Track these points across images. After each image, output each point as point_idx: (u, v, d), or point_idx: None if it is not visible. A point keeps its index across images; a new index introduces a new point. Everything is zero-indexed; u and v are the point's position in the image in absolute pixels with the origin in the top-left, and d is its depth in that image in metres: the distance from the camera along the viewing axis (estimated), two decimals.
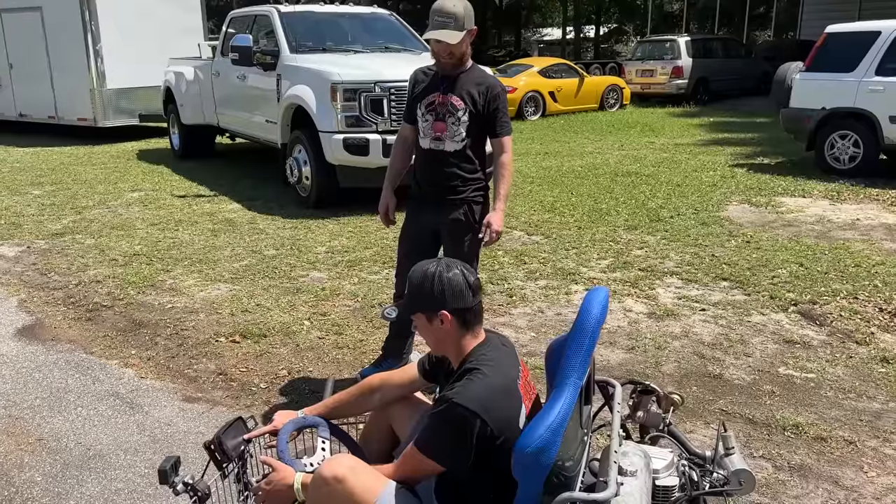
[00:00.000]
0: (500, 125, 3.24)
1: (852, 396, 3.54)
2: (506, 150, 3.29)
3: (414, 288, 2.02)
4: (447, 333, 2.00)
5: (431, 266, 2.02)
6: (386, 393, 2.29)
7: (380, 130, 7.00)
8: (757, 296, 4.90)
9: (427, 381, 2.27)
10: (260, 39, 8.58)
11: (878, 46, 8.32)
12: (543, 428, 1.71)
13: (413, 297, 2.03)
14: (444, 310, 1.97)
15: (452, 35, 3.06)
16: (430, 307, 1.99)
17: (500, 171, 3.28)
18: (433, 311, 1.98)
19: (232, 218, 7.22)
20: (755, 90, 19.44)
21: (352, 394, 2.33)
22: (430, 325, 2.01)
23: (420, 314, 2.02)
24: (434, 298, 1.98)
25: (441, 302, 1.97)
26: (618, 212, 7.14)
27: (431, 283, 1.98)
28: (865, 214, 7.06)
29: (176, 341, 4.29)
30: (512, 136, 3.36)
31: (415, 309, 2.03)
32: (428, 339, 2.08)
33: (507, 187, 3.31)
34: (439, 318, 1.98)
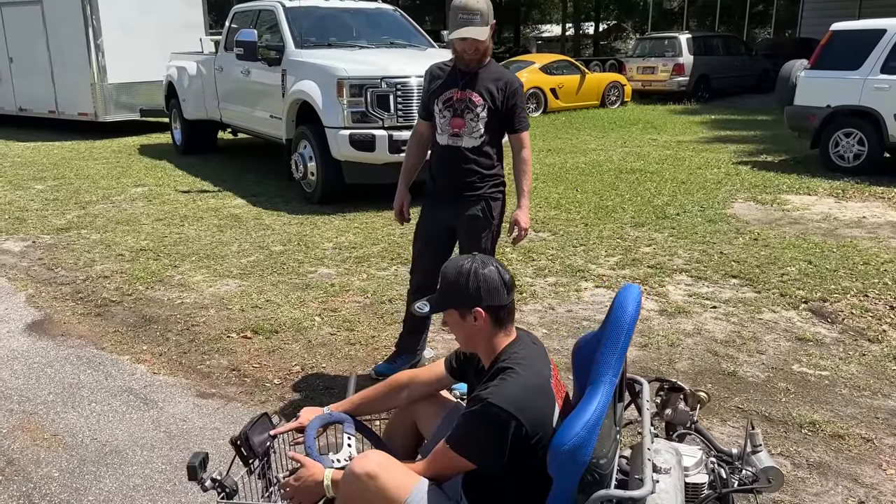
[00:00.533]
0: (519, 120, 3.24)
1: (867, 394, 3.54)
2: (525, 145, 3.29)
3: (448, 283, 2.00)
4: (480, 331, 1.98)
5: (467, 262, 2.00)
6: (413, 390, 2.28)
7: (386, 126, 6.98)
8: (767, 293, 4.89)
9: (454, 379, 2.26)
10: (264, 35, 8.54)
11: (884, 44, 8.32)
12: (580, 426, 1.70)
13: (447, 292, 2.00)
14: (478, 307, 1.96)
15: (480, 31, 3.04)
16: (464, 303, 1.97)
17: (521, 166, 3.27)
18: (467, 308, 1.97)
19: (237, 213, 7.20)
20: (755, 88, 19.48)
21: (378, 391, 2.32)
22: (463, 322, 1.99)
23: (453, 310, 2.00)
24: (469, 295, 1.96)
25: (476, 299, 1.96)
26: (624, 209, 7.13)
27: (467, 279, 1.96)
28: (871, 212, 7.06)
29: (187, 337, 4.28)
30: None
31: (448, 304, 2.01)
32: (459, 336, 2.06)
33: (530, 183, 3.31)
34: (473, 314, 1.97)
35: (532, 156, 3.36)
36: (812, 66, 9.04)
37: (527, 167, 3.29)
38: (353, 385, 2.49)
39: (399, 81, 6.96)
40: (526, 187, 3.30)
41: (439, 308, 2.03)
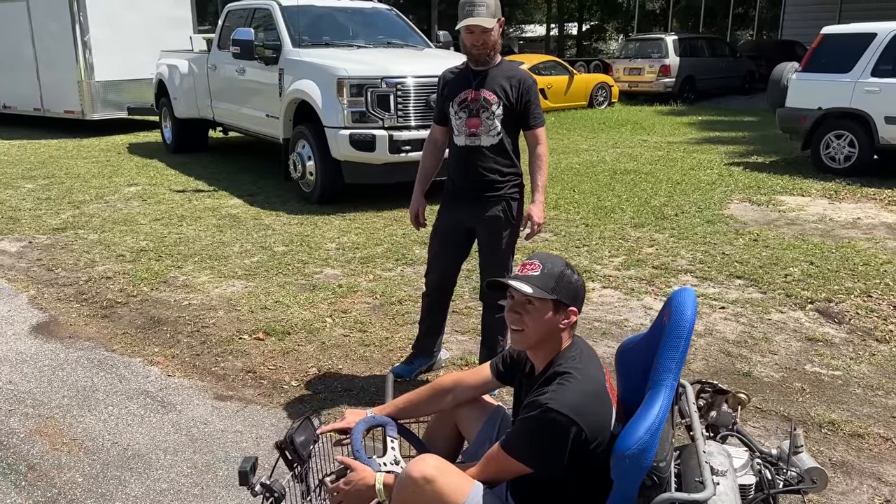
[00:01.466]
0: (534, 117, 3.24)
1: (881, 394, 3.59)
2: (540, 141, 3.29)
3: (556, 274, 1.94)
4: (560, 331, 1.96)
5: (564, 263, 1.98)
6: (458, 394, 2.27)
7: (386, 126, 6.96)
8: (773, 294, 4.95)
9: (500, 383, 2.25)
10: (258, 33, 8.48)
11: (874, 48, 8.43)
12: (643, 430, 1.71)
13: (558, 280, 1.94)
14: (575, 307, 1.96)
15: (487, 21, 3.05)
16: (568, 298, 1.95)
17: (537, 162, 3.27)
18: (566, 305, 1.95)
19: (235, 213, 7.14)
20: (740, 89, 19.67)
21: (422, 394, 2.30)
22: (553, 316, 1.94)
23: (551, 301, 1.93)
24: (574, 291, 1.96)
25: (575, 299, 1.97)
26: (623, 209, 7.17)
27: (573, 277, 1.96)
28: (865, 213, 7.16)
29: (198, 339, 4.23)
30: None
31: (557, 293, 1.93)
32: (533, 329, 1.96)
33: (545, 178, 3.31)
34: (568, 313, 1.96)
35: (527, 156, 3.36)
36: (803, 69, 9.14)
37: (542, 163, 3.29)
38: (390, 385, 2.47)
39: (399, 81, 6.95)
40: (541, 183, 3.30)
41: (546, 292, 1.92)
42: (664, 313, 1.98)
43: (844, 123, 8.74)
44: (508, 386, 2.24)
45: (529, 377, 2.06)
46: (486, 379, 2.25)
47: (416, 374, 3.69)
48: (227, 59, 8.77)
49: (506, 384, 2.24)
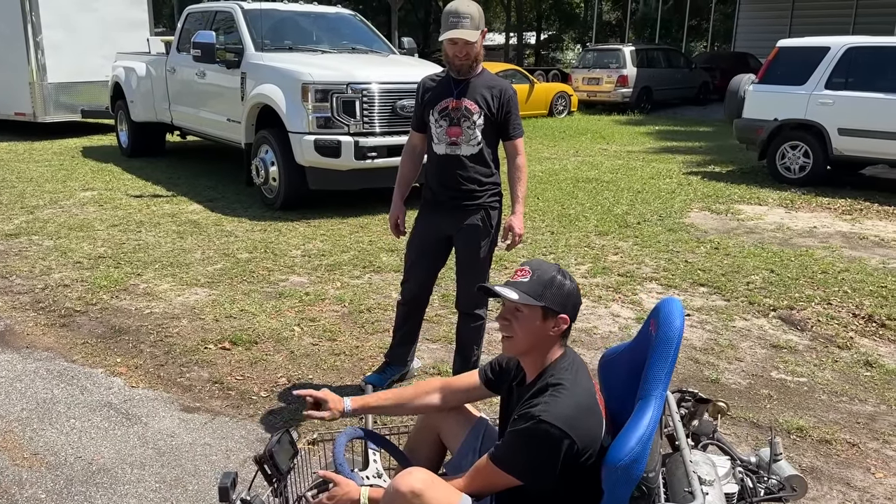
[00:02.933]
0: (513, 127, 3.25)
1: (845, 400, 3.67)
2: (519, 152, 3.30)
3: (546, 280, 1.92)
4: (549, 339, 1.94)
5: (555, 268, 1.95)
6: (446, 397, 2.25)
7: (352, 132, 6.91)
8: (736, 301, 5.03)
9: (488, 391, 2.23)
10: (219, 36, 8.35)
11: (828, 61, 8.68)
12: (634, 440, 1.71)
13: (547, 286, 1.91)
14: (565, 314, 1.94)
15: (470, 33, 3.04)
16: (557, 305, 1.92)
17: (516, 173, 3.28)
18: (556, 312, 1.93)
19: (196, 219, 7.00)
20: (695, 100, 20.08)
21: (408, 392, 2.28)
22: (542, 324, 1.92)
23: (539, 308, 1.91)
24: (564, 298, 1.93)
25: (565, 306, 1.93)
26: (587, 217, 7.23)
27: (563, 282, 1.93)
28: (821, 222, 7.34)
29: (162, 348, 4.12)
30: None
31: (545, 300, 1.91)
32: (522, 336, 1.94)
33: (524, 189, 3.32)
34: (558, 320, 1.93)
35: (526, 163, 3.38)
36: (760, 81, 9.36)
37: (522, 174, 3.30)
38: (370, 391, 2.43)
39: (364, 87, 6.90)
40: (521, 193, 3.32)
41: (534, 299, 1.90)
42: (650, 323, 1.98)
43: (799, 134, 8.97)
44: (496, 394, 2.22)
45: (520, 386, 2.04)
46: (474, 385, 2.23)
47: (389, 384, 3.64)
48: (187, 62, 8.61)
49: (493, 392, 2.22)
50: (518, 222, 3.26)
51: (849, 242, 6.59)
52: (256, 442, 3.18)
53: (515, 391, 2.06)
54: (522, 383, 2.03)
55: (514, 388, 2.09)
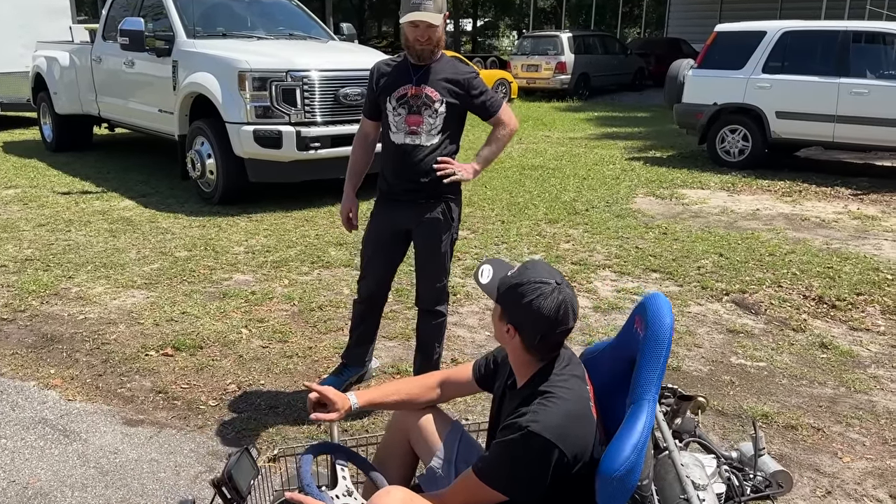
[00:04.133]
0: (491, 104, 3.10)
1: (805, 383, 3.67)
2: (504, 121, 3.14)
3: (514, 283, 1.78)
4: (515, 347, 1.82)
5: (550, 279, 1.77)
6: (446, 390, 2.13)
7: (293, 122, 6.66)
8: (689, 286, 5.02)
9: (479, 388, 2.10)
10: (148, 23, 7.94)
11: (765, 46, 8.82)
12: (629, 449, 1.60)
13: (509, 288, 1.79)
14: (515, 329, 1.80)
15: (434, 16, 2.88)
16: (513, 316, 1.80)
17: (498, 133, 3.13)
18: (507, 318, 1.81)
19: (129, 216, 6.65)
20: (631, 85, 20.33)
21: (412, 384, 2.16)
22: (500, 323, 1.83)
23: (500, 307, 1.82)
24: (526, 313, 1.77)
25: (521, 322, 1.79)
26: (535, 205, 7.17)
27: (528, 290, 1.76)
28: (763, 205, 7.45)
29: (99, 357, 3.86)
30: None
31: (503, 299, 1.80)
32: (495, 331, 1.87)
33: (495, 152, 3.16)
34: (507, 327, 1.81)
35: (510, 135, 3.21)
36: (699, 66, 9.45)
37: (504, 135, 3.14)
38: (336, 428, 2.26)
39: (305, 75, 6.66)
40: (487, 153, 3.14)
41: (491, 292, 1.81)
42: (636, 322, 1.88)
43: (738, 118, 9.10)
44: (489, 392, 2.09)
45: (512, 388, 1.91)
46: (468, 380, 2.10)
47: (346, 386, 3.48)
48: (114, 51, 8.17)
49: (485, 390, 2.10)
50: (469, 168, 3.05)
51: (792, 224, 6.70)
52: (208, 455, 2.98)
53: (508, 393, 1.93)
54: (514, 386, 1.90)
55: (506, 389, 1.95)
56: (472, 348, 4.02)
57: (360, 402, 2.09)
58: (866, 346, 4.08)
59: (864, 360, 3.91)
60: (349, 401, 2.08)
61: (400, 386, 2.17)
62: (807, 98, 8.50)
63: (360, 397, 2.10)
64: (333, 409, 2.06)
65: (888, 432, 3.21)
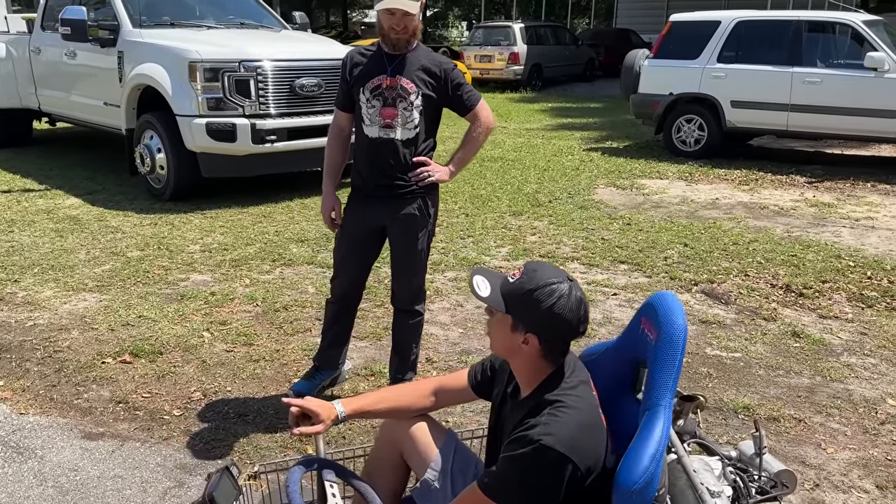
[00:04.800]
0: (468, 97, 3.00)
1: (782, 373, 3.66)
2: (480, 117, 3.05)
3: (525, 291, 1.66)
4: (524, 352, 1.71)
5: (558, 280, 1.66)
6: (440, 397, 2.02)
7: (247, 114, 6.43)
8: (657, 277, 5.00)
9: (475, 396, 1.99)
10: (90, 12, 7.58)
11: (719, 35, 8.88)
12: (647, 459, 1.51)
13: (520, 297, 1.67)
14: (535, 334, 1.68)
15: (410, 4, 2.75)
16: (527, 322, 1.68)
17: (474, 132, 3.05)
18: (524, 328, 1.69)
19: (75, 215, 6.34)
20: (582, 76, 20.42)
21: (408, 390, 2.04)
22: (511, 335, 1.70)
23: (510, 318, 1.69)
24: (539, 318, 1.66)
25: (538, 326, 1.68)
26: (498, 197, 7.08)
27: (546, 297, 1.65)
28: (721, 194, 7.51)
29: (52, 366, 3.63)
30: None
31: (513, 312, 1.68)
32: (496, 342, 1.76)
33: (471, 153, 3.11)
34: (525, 338, 1.68)
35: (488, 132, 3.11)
36: (654, 56, 9.48)
37: (479, 135, 3.05)
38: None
39: (258, 65, 6.43)
40: (462, 155, 3.07)
41: (500, 306, 1.67)
42: (642, 323, 1.79)
43: (694, 108, 9.16)
44: (486, 399, 1.98)
45: (514, 397, 1.80)
46: (464, 387, 1.99)
47: (319, 390, 3.33)
48: (54, 41, 7.80)
49: (482, 397, 1.99)
50: (444, 170, 2.99)
51: (751, 212, 6.75)
52: (176, 469, 2.80)
53: (509, 402, 1.82)
54: (516, 395, 1.79)
55: (507, 397, 1.84)
56: (447, 346, 3.91)
57: (347, 410, 1.95)
58: (837, 334, 4.10)
59: (836, 349, 3.93)
60: (335, 410, 1.94)
61: (390, 393, 2.04)
62: (761, 87, 8.59)
63: (348, 405, 1.96)
64: (318, 420, 1.92)
65: (867, 421, 3.21)
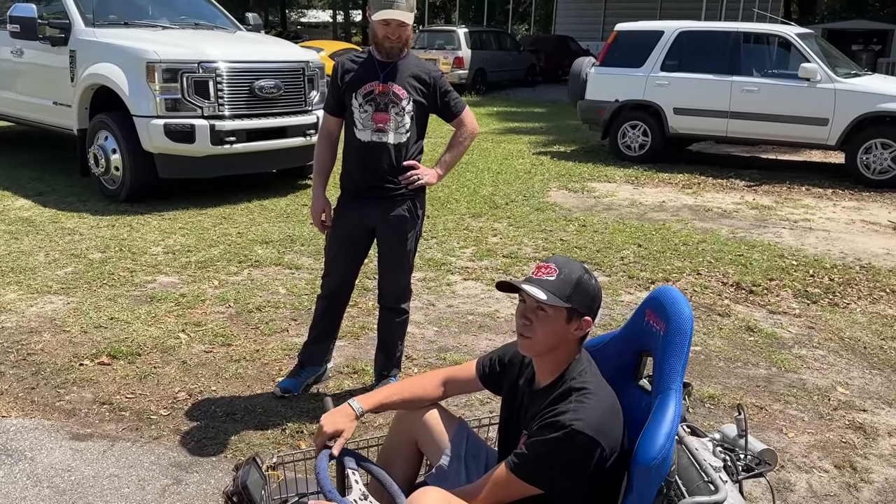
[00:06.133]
0: (455, 105, 3.13)
1: (740, 365, 3.91)
2: (467, 124, 3.18)
3: (575, 281, 1.80)
4: (571, 341, 1.85)
5: (582, 268, 1.85)
6: (448, 388, 2.13)
7: (206, 115, 6.40)
8: (616, 276, 5.22)
9: (482, 386, 2.10)
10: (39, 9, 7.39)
11: (662, 44, 9.24)
12: (664, 438, 1.66)
13: (576, 288, 1.80)
14: (590, 317, 1.84)
15: (406, 15, 2.87)
16: (584, 307, 1.82)
17: (459, 137, 3.17)
18: (581, 314, 1.83)
19: (27, 216, 6.20)
20: (524, 81, 20.79)
21: (418, 382, 2.12)
22: (565, 326, 1.82)
23: (566, 310, 1.80)
24: (591, 300, 1.84)
25: (591, 308, 1.85)
26: (456, 200, 7.22)
27: (591, 283, 1.84)
28: (667, 197, 7.83)
29: (27, 369, 3.58)
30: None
31: (573, 302, 1.80)
32: (543, 336, 1.83)
33: (457, 156, 3.22)
34: (582, 323, 1.83)
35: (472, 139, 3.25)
36: (601, 63, 9.79)
37: (465, 140, 3.18)
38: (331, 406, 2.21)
39: (217, 66, 6.41)
40: (449, 158, 3.20)
41: (562, 300, 1.79)
42: (647, 316, 1.94)
43: (638, 114, 9.50)
44: (494, 392, 2.10)
45: (530, 386, 1.93)
46: (472, 378, 2.11)
47: (305, 387, 3.40)
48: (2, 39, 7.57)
49: (490, 389, 2.11)
50: (432, 173, 3.13)
51: (697, 215, 7.07)
52: (171, 467, 2.84)
53: (525, 392, 1.94)
54: (532, 384, 1.92)
55: (520, 388, 1.97)
56: (424, 344, 4.01)
57: (364, 406, 2.03)
58: (787, 328, 4.38)
59: (787, 342, 4.20)
60: (352, 410, 2.01)
61: (403, 386, 2.14)
62: (702, 95, 8.99)
63: (365, 402, 2.05)
64: (340, 432, 1.96)
65: (822, 407, 3.47)
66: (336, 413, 1.99)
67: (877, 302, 4.82)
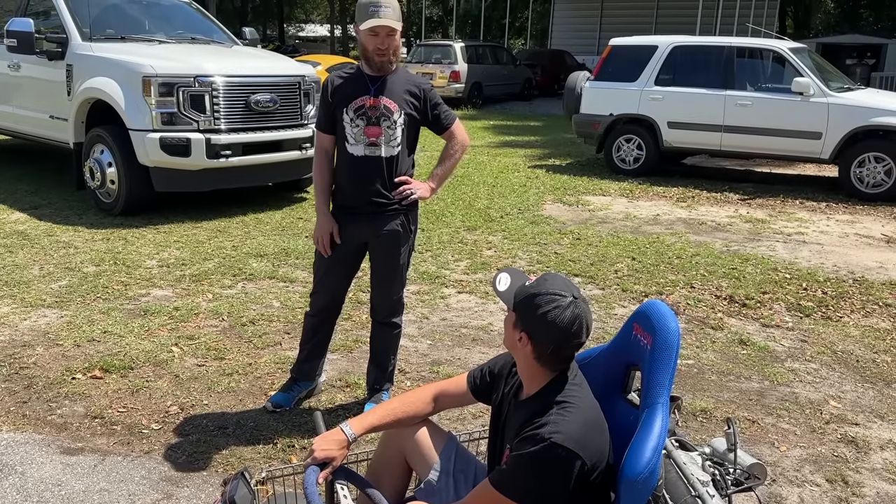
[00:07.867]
0: (446, 117, 3.15)
1: (732, 378, 3.91)
2: (456, 136, 3.22)
3: (531, 293, 1.80)
4: (523, 353, 1.85)
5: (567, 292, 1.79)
6: (440, 402, 2.13)
7: (202, 129, 6.42)
8: (610, 289, 5.23)
9: (474, 399, 2.11)
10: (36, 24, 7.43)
11: (657, 59, 9.30)
12: (650, 452, 1.67)
13: (529, 297, 1.80)
14: (527, 334, 1.82)
15: (395, 22, 2.89)
16: (526, 322, 1.82)
17: (450, 150, 3.21)
18: (521, 326, 1.83)
19: (23, 230, 6.20)
20: (520, 95, 20.89)
21: (410, 399, 2.11)
22: (513, 331, 1.84)
23: (514, 315, 1.84)
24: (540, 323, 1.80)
25: (535, 331, 1.82)
26: (452, 213, 7.24)
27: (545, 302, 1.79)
28: (661, 210, 7.85)
29: (20, 382, 3.58)
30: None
31: (518, 307, 1.82)
32: (506, 338, 1.89)
33: (450, 168, 3.25)
34: (520, 335, 1.83)
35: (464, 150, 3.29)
36: (595, 78, 9.85)
37: (456, 152, 3.21)
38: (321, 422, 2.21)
39: (213, 80, 6.44)
40: (442, 171, 3.22)
41: (507, 300, 1.82)
42: (635, 329, 1.95)
43: (633, 128, 9.55)
44: (485, 403, 2.11)
45: (516, 398, 1.93)
46: (463, 391, 2.11)
47: (297, 402, 3.40)
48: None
49: (482, 401, 2.11)
50: (425, 187, 3.14)
51: (691, 228, 7.10)
52: (162, 482, 2.83)
53: (511, 403, 1.95)
54: (518, 394, 1.92)
55: (507, 399, 1.97)
56: (417, 357, 4.02)
57: (356, 431, 2.00)
58: (780, 342, 4.39)
59: (780, 355, 4.21)
60: (344, 437, 1.98)
61: (395, 406, 2.13)
62: (696, 109, 9.04)
63: (356, 425, 2.02)
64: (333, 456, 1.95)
65: (814, 421, 3.47)
66: (328, 439, 1.97)
67: (870, 315, 4.84)
